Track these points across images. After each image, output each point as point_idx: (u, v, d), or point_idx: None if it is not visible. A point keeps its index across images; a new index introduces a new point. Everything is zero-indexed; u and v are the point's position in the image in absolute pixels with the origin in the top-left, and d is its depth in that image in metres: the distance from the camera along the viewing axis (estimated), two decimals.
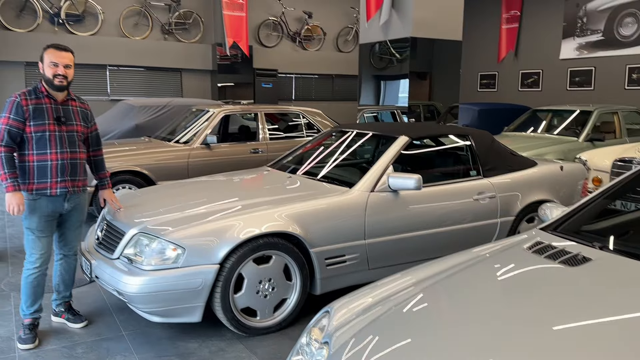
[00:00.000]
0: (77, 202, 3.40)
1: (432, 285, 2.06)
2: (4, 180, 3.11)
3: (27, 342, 3.23)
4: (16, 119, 3.13)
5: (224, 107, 6.97)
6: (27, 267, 3.30)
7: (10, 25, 9.80)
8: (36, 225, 3.25)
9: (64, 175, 3.26)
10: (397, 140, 4.14)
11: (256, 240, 3.33)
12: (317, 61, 13.24)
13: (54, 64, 3.17)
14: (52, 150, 3.21)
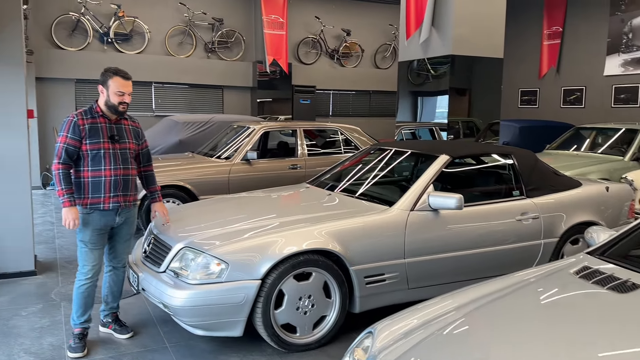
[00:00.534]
0: (127, 216, 3.54)
1: (474, 310, 2.05)
2: (61, 196, 3.27)
3: (76, 350, 3.36)
4: (73, 137, 3.29)
5: (264, 124, 7.11)
6: (79, 278, 3.43)
7: (63, 44, 10.29)
8: (89, 238, 3.39)
9: (116, 191, 3.40)
10: (438, 158, 4.14)
11: (297, 257, 3.38)
12: (354, 78, 13.34)
13: (120, 92, 3.35)
14: (106, 167, 3.36)
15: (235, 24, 11.96)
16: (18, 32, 4.65)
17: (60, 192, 3.28)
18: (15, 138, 4.69)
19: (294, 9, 12.46)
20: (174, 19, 11.31)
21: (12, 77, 4.66)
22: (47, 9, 10.13)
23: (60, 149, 3.29)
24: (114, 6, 10.56)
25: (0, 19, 4.55)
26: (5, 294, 4.41)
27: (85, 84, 10.64)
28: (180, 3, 11.27)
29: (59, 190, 3.28)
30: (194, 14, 11.40)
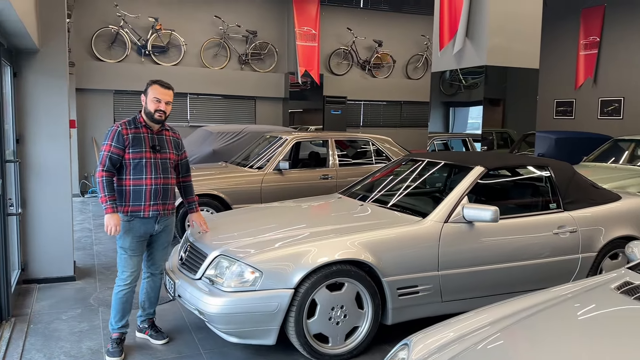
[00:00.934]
0: (166, 224, 3.62)
1: (510, 325, 2.03)
2: (104, 203, 3.35)
3: (114, 355, 3.44)
4: (117, 146, 3.39)
5: (296, 135, 7.18)
6: (119, 284, 3.52)
7: (102, 56, 10.63)
8: (129, 244, 3.47)
9: (156, 199, 3.48)
10: (473, 170, 4.11)
11: (329, 267, 3.39)
12: (385, 88, 13.34)
13: (157, 99, 3.44)
14: (147, 176, 3.45)
15: (269, 36, 12.14)
16: (62, 45, 4.84)
17: (103, 199, 3.35)
18: (59, 147, 4.87)
19: (326, 21, 12.57)
20: (209, 32, 11.55)
21: (56, 89, 4.85)
22: (88, 22, 10.49)
23: (104, 157, 3.38)
24: (152, 19, 10.86)
25: (46, 32, 4.75)
26: (47, 298, 4.56)
27: (123, 95, 10.95)
28: (216, 16, 11.50)
29: (102, 197, 3.36)
30: (228, 27, 11.63)
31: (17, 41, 4.23)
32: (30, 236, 4.88)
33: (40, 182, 4.84)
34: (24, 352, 3.52)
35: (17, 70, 4.71)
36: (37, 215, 4.87)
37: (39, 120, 4.80)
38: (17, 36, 3.99)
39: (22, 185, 4.78)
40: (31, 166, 4.81)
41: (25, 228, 4.86)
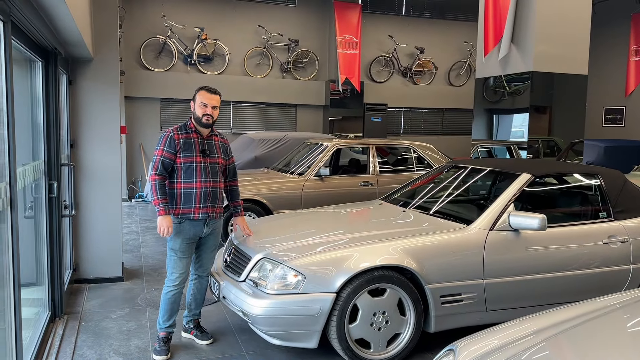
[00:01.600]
0: (214, 226, 3.71)
1: (556, 335, 1.98)
2: (157, 205, 3.45)
3: (161, 354, 3.54)
4: (169, 151, 3.51)
5: (337, 141, 7.22)
6: (167, 285, 3.62)
7: (150, 66, 10.99)
8: (179, 246, 3.56)
9: (205, 202, 3.57)
10: (519, 177, 4.03)
11: (371, 272, 3.39)
12: (427, 95, 13.23)
13: (203, 104, 3.56)
14: (197, 179, 3.54)
15: (310, 45, 12.26)
16: (115, 54, 5.05)
17: (156, 201, 3.46)
18: (110, 152, 5.06)
19: (368, 29, 12.61)
20: (252, 41, 11.77)
21: (109, 96, 5.05)
22: (137, 32, 10.87)
23: (157, 161, 3.49)
24: (198, 29, 11.16)
25: (99, 42, 4.96)
26: (97, 297, 4.73)
27: (170, 103, 11.28)
28: (259, 26, 11.72)
29: (155, 200, 3.45)
30: (271, 36, 11.82)
31: (73, 50, 4.44)
32: (82, 238, 5.08)
33: (93, 185, 5.04)
34: (76, 348, 3.67)
35: (72, 78, 4.93)
36: (89, 217, 5.07)
37: (92, 126, 5.01)
38: (74, 45, 4.19)
39: (75, 189, 4.99)
40: (84, 170, 5.01)
41: (78, 230, 5.06)
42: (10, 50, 2.45)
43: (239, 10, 11.68)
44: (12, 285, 2.50)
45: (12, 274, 2.50)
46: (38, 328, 3.69)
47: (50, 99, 3.97)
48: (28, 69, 3.86)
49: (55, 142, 4.04)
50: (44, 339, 3.66)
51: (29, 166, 3.50)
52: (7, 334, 2.58)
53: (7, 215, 2.43)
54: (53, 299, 4.09)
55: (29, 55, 3.52)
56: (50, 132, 4.00)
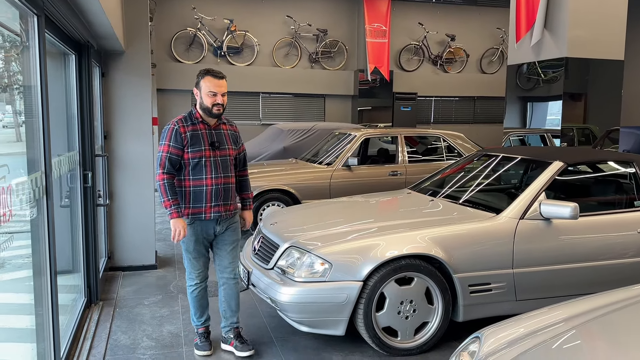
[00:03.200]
0: (229, 224, 3.40)
1: (586, 323, 1.94)
2: (168, 207, 3.14)
3: (203, 349, 3.46)
4: (175, 146, 3.16)
5: (365, 131, 7.19)
6: (189, 284, 3.47)
7: (181, 58, 11.15)
8: (192, 247, 3.33)
9: (217, 200, 3.27)
10: (551, 165, 3.94)
11: (398, 260, 3.39)
12: (458, 83, 13.03)
13: (213, 93, 3.17)
14: (207, 176, 3.22)
15: (339, 34, 12.21)
16: (145, 46, 5.14)
17: (167, 203, 3.14)
18: (143, 143, 5.17)
19: (397, 17, 12.47)
20: (281, 32, 11.80)
21: (140, 88, 5.15)
22: (168, 25, 11.03)
23: (163, 159, 3.15)
24: (227, 21, 11.24)
25: (131, 35, 5.06)
26: (131, 284, 4.87)
27: None
28: (288, 16, 11.73)
29: (166, 201, 3.14)
30: (299, 26, 11.82)
31: (105, 43, 4.54)
32: (116, 226, 5.22)
33: (126, 175, 5.17)
34: (111, 333, 3.79)
35: (105, 71, 5.05)
36: (123, 206, 5.20)
37: (124, 117, 5.13)
38: (106, 38, 4.29)
39: (109, 179, 5.13)
40: (117, 160, 5.14)
41: (112, 219, 5.20)
42: (44, 44, 2.53)
43: (268, 1, 11.71)
44: (49, 273, 2.60)
45: (48, 261, 2.60)
46: (74, 314, 3.83)
47: (83, 90, 4.07)
48: (62, 62, 3.98)
49: (89, 133, 4.16)
50: (80, 324, 3.79)
51: (64, 156, 3.62)
52: (44, 319, 2.68)
53: (43, 203, 2.52)
54: (89, 286, 4.22)
55: (63, 48, 3.63)
56: (84, 124, 4.11)
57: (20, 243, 2.57)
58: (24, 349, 2.64)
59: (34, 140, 2.50)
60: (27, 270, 2.58)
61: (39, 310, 2.60)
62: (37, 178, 2.45)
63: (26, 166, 2.43)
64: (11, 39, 2.42)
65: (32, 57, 2.46)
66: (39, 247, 2.57)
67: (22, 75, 2.47)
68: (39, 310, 2.61)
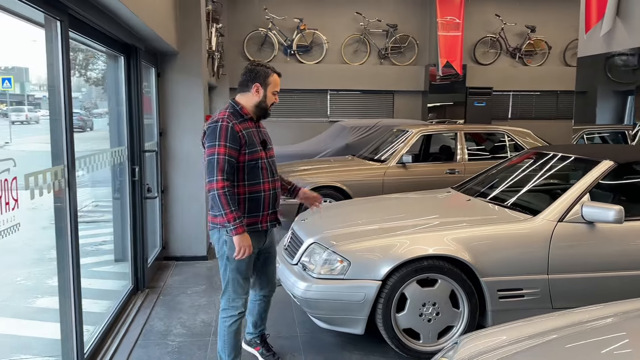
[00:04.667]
0: (272, 235, 3.12)
1: (570, 335, 1.79)
2: (232, 221, 2.66)
3: None
4: (233, 147, 2.71)
5: (421, 128, 7.01)
6: (231, 314, 2.91)
7: (253, 57, 11.48)
8: (246, 266, 2.87)
9: (274, 207, 2.93)
10: (598, 164, 3.64)
11: (420, 261, 3.29)
12: (538, 77, 12.28)
13: (276, 92, 2.92)
14: (264, 180, 2.84)
15: (409, 29, 11.97)
16: (198, 48, 5.37)
17: (231, 216, 2.65)
18: (196, 140, 5.41)
19: (472, 9, 11.98)
20: (350, 29, 11.78)
21: (194, 87, 5.40)
22: (240, 26, 11.41)
23: (221, 162, 2.66)
24: (297, 20, 11.42)
25: (184, 38, 5.30)
26: (180, 274, 5.12)
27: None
28: (357, 13, 11.69)
29: (229, 214, 2.65)
30: (369, 22, 11.73)
31: (157, 45, 4.80)
32: (170, 218, 5.52)
33: (180, 170, 5.44)
34: (149, 319, 4.02)
35: (161, 71, 5.34)
36: (177, 200, 5.48)
37: (178, 114, 5.39)
38: (154, 41, 4.53)
39: (163, 173, 5.42)
40: (172, 156, 5.42)
41: (167, 211, 5.50)
42: (67, 46, 2.73)
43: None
44: (72, 257, 2.81)
45: (70, 248, 2.81)
46: (118, 299, 4.11)
47: (131, 89, 4.34)
48: (113, 63, 4.27)
49: (137, 129, 4.43)
50: (122, 309, 4.06)
51: (109, 151, 3.88)
52: (67, 303, 2.88)
53: (66, 193, 2.74)
54: (136, 274, 4.51)
55: (109, 50, 3.89)
56: (133, 121, 4.38)
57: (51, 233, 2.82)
58: (55, 329, 2.88)
59: (59, 138, 2.72)
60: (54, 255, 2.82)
61: (62, 296, 2.81)
62: (59, 171, 2.67)
63: (50, 159, 2.65)
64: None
65: (55, 58, 2.67)
66: (63, 233, 2.79)
67: (48, 74, 2.69)
68: (63, 297, 2.82)
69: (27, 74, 3.15)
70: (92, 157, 3.42)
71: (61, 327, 2.84)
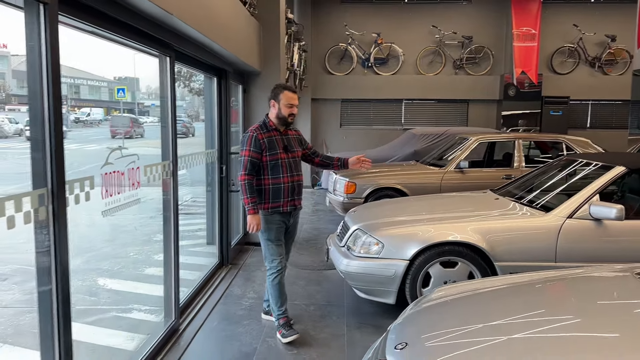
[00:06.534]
0: (297, 217, 3.97)
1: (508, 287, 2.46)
2: (247, 204, 3.61)
3: (290, 335, 3.75)
4: (255, 151, 3.66)
5: (479, 136, 7.54)
6: (272, 272, 3.81)
7: (333, 70, 12.46)
8: (274, 235, 3.78)
9: (293, 195, 3.80)
10: (611, 169, 4.12)
11: (442, 246, 3.99)
12: (619, 86, 12.09)
13: (290, 105, 3.73)
14: (283, 175, 3.74)
15: (484, 40, 12.34)
16: (277, 67, 6.39)
17: (246, 200, 3.61)
18: None
19: (549, 19, 12.12)
20: (425, 41, 12.39)
21: None
22: (323, 42, 12.43)
23: (245, 162, 3.65)
24: (375, 35, 12.24)
25: (266, 59, 6.34)
26: (257, 256, 6.13)
27: (349, 103, 12.63)
28: (433, 26, 12.28)
29: (245, 199, 3.61)
30: (444, 35, 12.27)
31: (243, 67, 5.87)
32: None
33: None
34: (230, 287, 5.03)
35: (246, 88, 6.42)
36: None
37: None
38: (238, 64, 5.59)
39: None
40: None
41: None
42: (173, 77, 3.80)
43: (414, 13, 12.41)
44: (173, 237, 3.85)
45: (173, 227, 3.86)
46: (206, 271, 5.17)
47: (222, 104, 5.42)
48: (209, 83, 5.38)
49: (226, 135, 5.49)
50: (209, 279, 5.11)
51: (206, 152, 4.96)
52: (169, 271, 3.91)
53: (170, 183, 3.79)
54: (221, 252, 5.57)
55: (206, 73, 4.98)
56: (222, 128, 5.46)
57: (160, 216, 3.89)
58: (159, 290, 3.94)
59: (167, 140, 3.78)
60: (160, 235, 3.88)
61: (166, 267, 3.86)
62: (167, 164, 3.72)
63: (160, 156, 3.72)
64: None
65: (166, 85, 3.74)
66: (169, 214, 3.84)
67: (161, 94, 3.77)
68: (167, 268, 3.87)
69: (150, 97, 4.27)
70: (192, 156, 4.51)
71: (164, 288, 3.89)
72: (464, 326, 2.08)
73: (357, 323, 4.17)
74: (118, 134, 6.95)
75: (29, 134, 2.09)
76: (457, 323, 2.14)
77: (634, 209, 4.31)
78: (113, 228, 6.73)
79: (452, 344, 1.96)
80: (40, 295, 2.19)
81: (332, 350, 3.69)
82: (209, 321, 4.21)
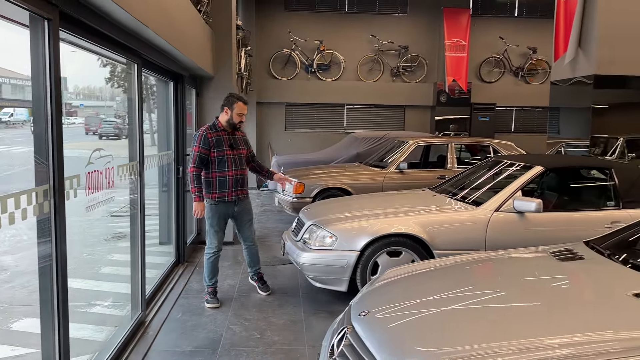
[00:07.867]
0: (244, 205, 4.63)
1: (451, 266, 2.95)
2: (194, 192, 4.34)
3: (212, 302, 4.56)
4: (204, 147, 4.32)
5: (417, 139, 8.16)
6: (209, 252, 4.61)
7: (278, 75, 12.81)
8: (216, 222, 4.51)
9: (236, 187, 4.46)
10: (532, 169, 4.75)
11: (388, 238, 4.46)
12: (540, 94, 13.25)
13: (241, 114, 4.44)
14: (229, 169, 4.40)
15: (419, 50, 13.13)
16: (229, 72, 6.68)
17: (193, 189, 4.31)
18: None
19: (477, 32, 13.07)
20: (365, 49, 13.01)
21: None
22: (267, 48, 12.77)
23: (195, 156, 4.32)
24: (317, 42, 12.72)
25: (219, 64, 6.62)
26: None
27: (293, 106, 13.02)
28: (372, 35, 12.91)
29: (193, 188, 4.31)
30: (382, 44, 12.94)
31: (197, 71, 6.12)
32: None
33: None
34: (188, 282, 5.28)
35: (199, 92, 6.66)
36: None
37: None
38: (195, 69, 5.84)
39: None
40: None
41: None
42: (140, 81, 4.04)
43: (354, 22, 13.00)
44: (140, 235, 4.08)
45: (140, 227, 4.09)
46: (164, 268, 5.38)
47: (178, 107, 5.65)
48: (165, 87, 5.59)
49: (182, 137, 5.72)
50: (167, 275, 5.33)
51: (162, 154, 5.18)
52: (135, 270, 4.14)
53: (138, 182, 4.02)
54: (177, 251, 5.79)
55: (164, 78, 5.21)
56: (178, 131, 5.69)
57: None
58: (125, 288, 4.15)
59: (134, 142, 4.01)
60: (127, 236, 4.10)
61: (133, 259, 4.09)
62: (135, 164, 3.96)
63: (128, 156, 3.95)
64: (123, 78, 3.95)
65: (134, 89, 3.97)
66: (136, 212, 4.07)
67: (127, 98, 4.00)
68: (134, 260, 4.09)
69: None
70: (153, 157, 4.73)
71: (131, 281, 4.11)
72: (407, 301, 2.52)
73: (313, 310, 4.56)
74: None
75: (34, 134, 2.32)
76: (401, 298, 2.57)
77: (551, 203, 4.97)
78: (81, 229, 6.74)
79: (398, 315, 2.39)
80: (40, 270, 2.44)
81: (293, 334, 4.06)
82: (173, 313, 4.46)
